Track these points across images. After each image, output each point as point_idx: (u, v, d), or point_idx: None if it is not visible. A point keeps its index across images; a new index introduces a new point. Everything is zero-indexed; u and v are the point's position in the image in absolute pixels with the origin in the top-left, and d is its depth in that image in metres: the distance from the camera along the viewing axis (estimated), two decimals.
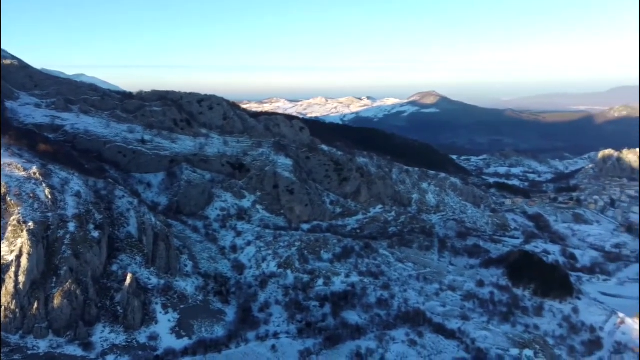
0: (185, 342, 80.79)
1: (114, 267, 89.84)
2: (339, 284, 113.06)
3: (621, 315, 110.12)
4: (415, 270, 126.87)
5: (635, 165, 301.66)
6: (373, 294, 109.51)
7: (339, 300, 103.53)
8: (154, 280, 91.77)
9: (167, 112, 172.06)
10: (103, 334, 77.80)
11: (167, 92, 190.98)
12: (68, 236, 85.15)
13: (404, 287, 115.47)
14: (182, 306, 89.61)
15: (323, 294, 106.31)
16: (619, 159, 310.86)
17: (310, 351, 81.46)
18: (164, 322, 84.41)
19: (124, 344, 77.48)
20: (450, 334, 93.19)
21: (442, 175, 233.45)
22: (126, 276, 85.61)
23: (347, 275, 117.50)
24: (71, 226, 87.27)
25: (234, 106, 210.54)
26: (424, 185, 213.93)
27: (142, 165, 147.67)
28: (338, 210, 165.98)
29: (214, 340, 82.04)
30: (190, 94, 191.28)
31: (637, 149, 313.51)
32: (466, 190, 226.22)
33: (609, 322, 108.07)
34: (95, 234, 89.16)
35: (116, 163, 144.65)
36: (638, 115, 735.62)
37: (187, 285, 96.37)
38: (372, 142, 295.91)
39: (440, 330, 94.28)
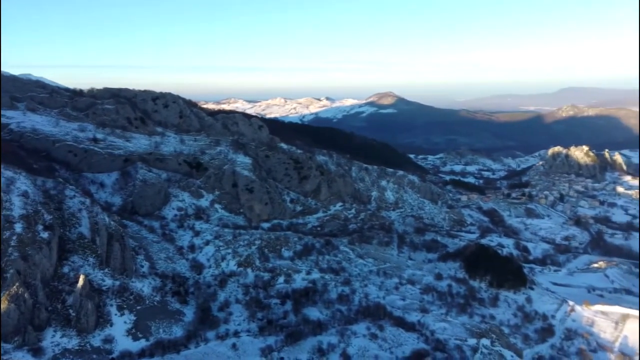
0: (142, 343, 78.12)
1: (65, 269, 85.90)
2: (300, 281, 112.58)
3: (571, 303, 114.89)
4: (375, 266, 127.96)
5: (582, 161, 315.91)
6: (334, 290, 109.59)
7: (300, 297, 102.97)
8: (109, 281, 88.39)
9: (120, 110, 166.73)
10: (54, 339, 74.10)
11: (120, 90, 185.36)
12: (15, 237, 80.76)
13: (365, 282, 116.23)
14: (138, 307, 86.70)
15: (284, 292, 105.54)
16: (567, 156, 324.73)
17: (271, 348, 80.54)
18: (120, 324, 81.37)
19: (77, 348, 74.06)
20: (410, 327, 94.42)
21: (401, 172, 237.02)
22: (78, 278, 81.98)
23: (308, 273, 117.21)
24: (18, 227, 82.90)
25: (190, 104, 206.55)
26: (383, 182, 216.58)
27: (94, 165, 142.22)
28: (298, 208, 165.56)
29: (172, 340, 79.71)
30: (145, 91, 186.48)
31: (584, 147, 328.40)
32: (424, 187, 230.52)
33: (560, 310, 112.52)
34: (45, 234, 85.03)
35: (67, 163, 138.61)
36: (585, 114, 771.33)
37: (144, 286, 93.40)
38: (331, 141, 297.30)
39: (401, 323, 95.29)
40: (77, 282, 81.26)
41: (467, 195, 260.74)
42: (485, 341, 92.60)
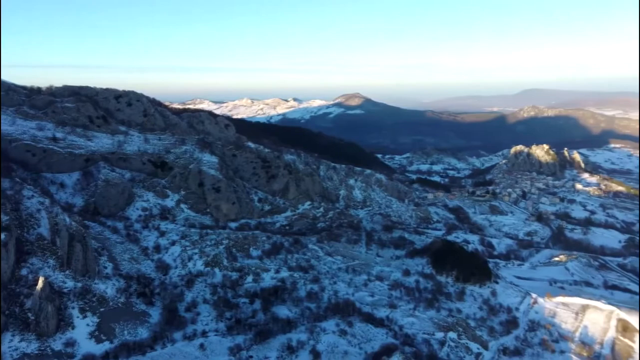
0: (106, 346, 75.77)
1: (24, 271, 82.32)
2: (268, 279, 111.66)
3: (534, 295, 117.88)
4: (344, 263, 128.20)
5: (543, 159, 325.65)
6: (303, 287, 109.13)
7: (269, 296, 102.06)
8: (70, 283, 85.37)
9: (81, 108, 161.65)
10: (12, 343, 70.96)
11: (81, 88, 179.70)
12: None
13: (334, 280, 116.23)
14: (101, 309, 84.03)
15: (252, 291, 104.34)
16: (528, 154, 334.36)
17: (240, 347, 79.54)
18: (82, 326, 78.63)
19: (37, 352, 71.15)
20: (379, 322, 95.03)
21: (368, 171, 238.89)
22: (37, 280, 78.87)
23: (277, 271, 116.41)
24: None
25: (154, 103, 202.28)
26: (351, 181, 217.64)
27: (54, 165, 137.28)
28: (266, 207, 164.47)
29: (137, 342, 77.60)
30: (107, 89, 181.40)
31: (544, 145, 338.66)
32: (391, 185, 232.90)
33: (523, 303, 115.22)
34: (1, 236, 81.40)
35: (24, 162, 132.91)
36: (545, 115, 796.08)
37: (107, 288, 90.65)
38: (299, 140, 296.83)
39: (370, 319, 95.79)
40: (36, 284, 78.10)
41: (433, 194, 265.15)
42: (452, 334, 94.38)
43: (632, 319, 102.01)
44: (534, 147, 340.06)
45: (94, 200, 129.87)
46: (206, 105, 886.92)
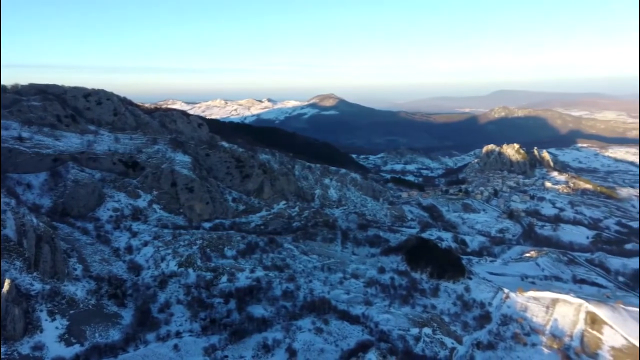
0: (76, 349, 73.62)
1: None
2: (243, 279, 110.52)
3: (506, 290, 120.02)
4: (320, 262, 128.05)
5: (513, 158, 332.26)
6: (278, 286, 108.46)
7: (244, 296, 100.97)
8: (38, 285, 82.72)
9: (49, 107, 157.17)
10: None
11: (48, 86, 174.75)
12: None
13: (309, 278, 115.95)
14: (71, 312, 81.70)
15: (227, 290, 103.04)
16: (500, 154, 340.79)
17: (215, 347, 78.45)
18: (51, 329, 76.25)
19: (4, 356, 68.60)
20: (354, 320, 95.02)
21: (343, 171, 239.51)
22: (3, 282, 76.21)
23: (252, 271, 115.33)
24: None
25: (125, 102, 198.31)
26: (326, 180, 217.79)
27: (20, 165, 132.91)
28: (241, 207, 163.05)
29: (109, 344, 75.69)
30: (75, 88, 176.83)
31: (515, 144, 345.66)
32: (366, 185, 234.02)
33: (496, 298, 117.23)
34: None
35: None
36: (515, 115, 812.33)
37: (77, 290, 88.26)
38: (273, 140, 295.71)
39: (345, 316, 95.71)
40: (1, 286, 75.49)
41: (408, 192, 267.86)
42: (427, 330, 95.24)
43: (599, 311, 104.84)
44: (505, 147, 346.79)
45: (63, 201, 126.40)
46: (179, 106, 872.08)
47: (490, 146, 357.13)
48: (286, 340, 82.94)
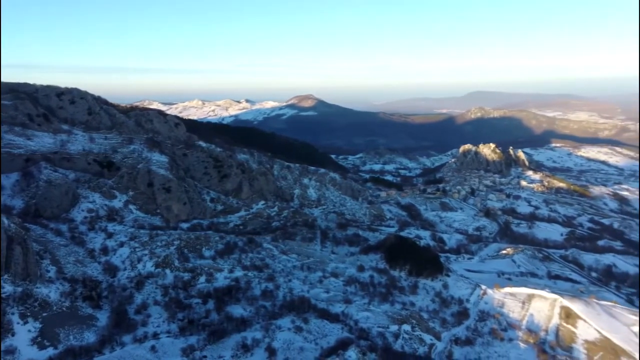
0: (49, 352, 71.78)
1: None
2: (222, 279, 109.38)
3: (483, 287, 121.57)
4: (299, 261, 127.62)
5: (489, 157, 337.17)
6: (258, 286, 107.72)
7: (222, 296, 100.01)
8: (9, 288, 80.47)
9: (20, 106, 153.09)
10: None
11: (19, 84, 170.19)
12: None
13: (289, 278, 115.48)
14: (44, 314, 79.69)
15: (206, 291, 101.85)
16: (476, 153, 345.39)
17: (193, 347, 77.44)
18: (23, 333, 74.21)
19: None
20: (334, 318, 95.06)
21: (322, 170, 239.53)
22: None
23: (231, 271, 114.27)
24: None
25: (100, 101, 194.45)
26: (305, 180, 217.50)
27: None
28: (219, 207, 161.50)
29: (84, 347, 73.98)
30: (48, 86, 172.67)
31: (491, 144, 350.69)
32: (345, 184, 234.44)
33: (473, 294, 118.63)
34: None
35: None
36: (491, 116, 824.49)
37: (51, 292, 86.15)
38: (252, 140, 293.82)
39: (325, 315, 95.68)
40: None
41: (386, 192, 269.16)
42: (406, 327, 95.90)
43: (574, 306, 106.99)
44: (481, 146, 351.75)
45: (35, 202, 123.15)
46: (155, 107, 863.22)
47: (467, 146, 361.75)
48: (265, 339, 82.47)
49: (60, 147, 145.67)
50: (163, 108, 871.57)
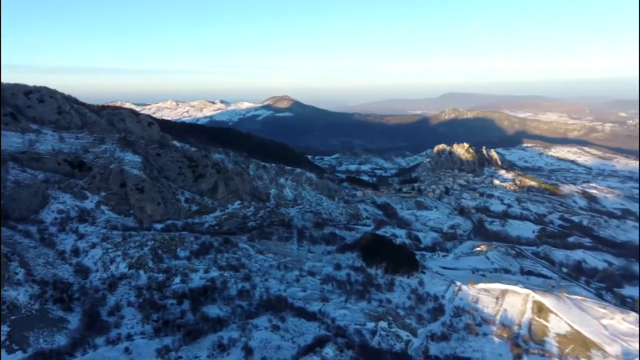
0: (18, 356, 69.68)
1: None
2: (197, 280, 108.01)
3: (458, 283, 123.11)
4: (276, 260, 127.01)
5: (463, 157, 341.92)
6: (234, 286, 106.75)
7: (198, 296, 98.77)
8: None
9: None
10: None
11: None
12: None
13: (265, 277, 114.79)
14: (12, 317, 77.39)
15: (181, 291, 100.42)
16: (450, 153, 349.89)
17: (168, 348, 76.22)
18: None
19: None
20: (311, 316, 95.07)
21: (299, 170, 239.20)
22: None
23: (206, 271, 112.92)
24: None
25: (70, 100, 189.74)
26: (282, 180, 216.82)
27: None
28: (194, 207, 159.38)
29: (55, 350, 72.06)
30: (15, 84, 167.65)
31: (465, 144, 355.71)
32: (321, 184, 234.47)
33: (448, 291, 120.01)
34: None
35: None
36: (464, 117, 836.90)
37: (19, 294, 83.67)
38: (228, 140, 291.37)
39: (302, 313, 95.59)
40: None
41: (362, 191, 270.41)
42: (382, 324, 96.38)
43: (545, 300, 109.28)
44: (455, 146, 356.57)
45: (3, 203, 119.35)
46: (128, 107, 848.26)
47: (441, 146, 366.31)
48: (242, 339, 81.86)
49: (29, 146, 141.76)
50: (136, 109, 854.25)
